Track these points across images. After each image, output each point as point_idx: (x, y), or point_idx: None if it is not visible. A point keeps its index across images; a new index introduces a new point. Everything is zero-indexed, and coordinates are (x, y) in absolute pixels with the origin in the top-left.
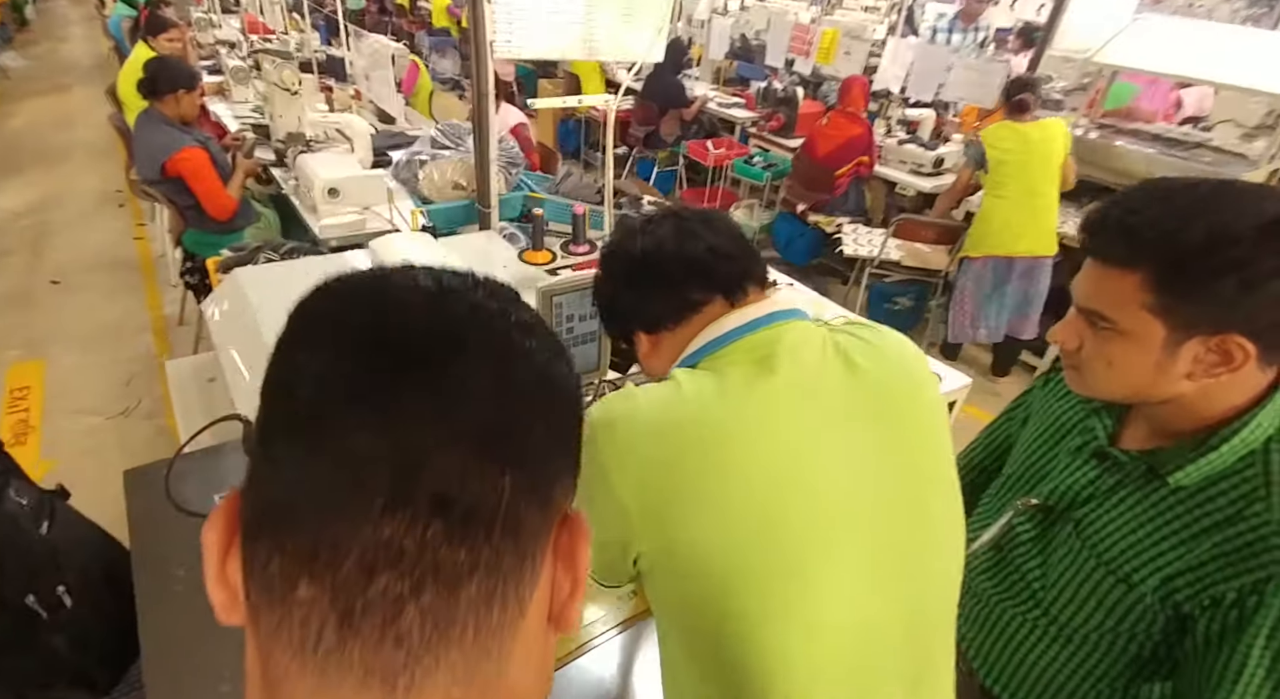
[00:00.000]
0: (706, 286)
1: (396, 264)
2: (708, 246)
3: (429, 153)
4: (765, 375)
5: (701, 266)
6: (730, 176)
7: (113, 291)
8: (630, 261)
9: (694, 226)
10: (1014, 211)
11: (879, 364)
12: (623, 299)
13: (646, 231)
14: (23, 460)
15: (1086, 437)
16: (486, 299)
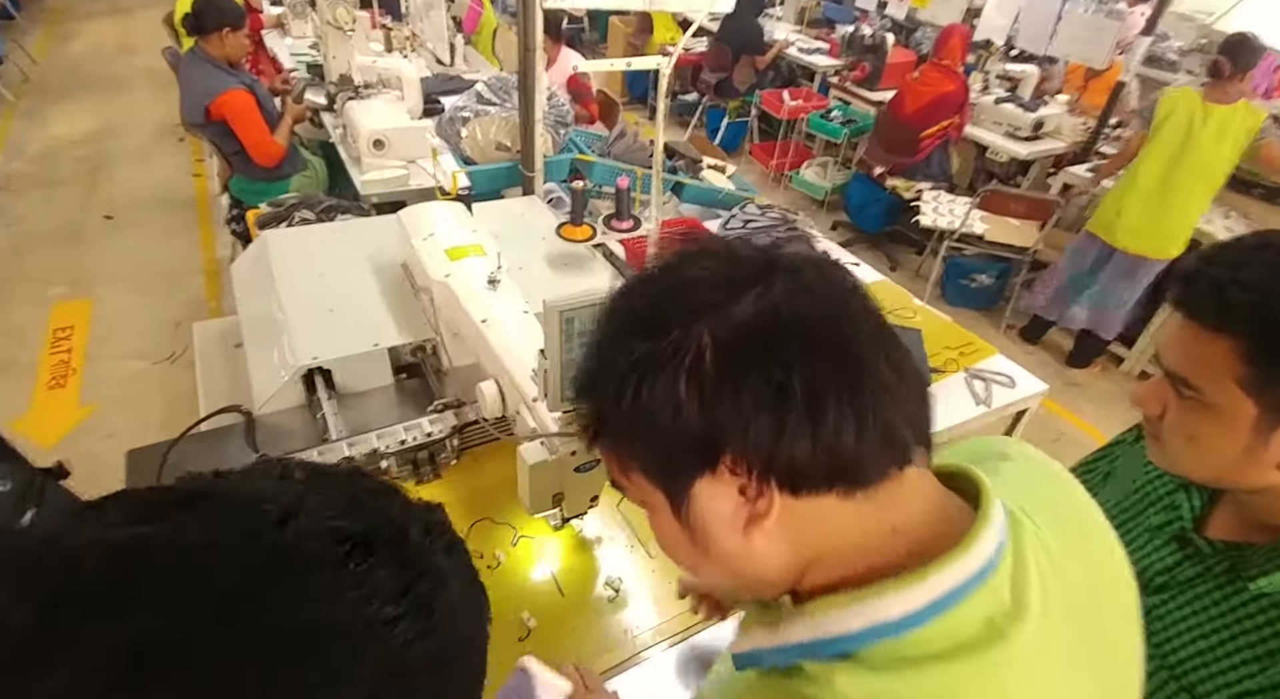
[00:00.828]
0: (920, 418)
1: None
2: (898, 343)
3: (474, 109)
4: (984, 661)
5: (913, 377)
6: (804, 131)
7: (167, 231)
8: (793, 340)
9: (854, 294)
10: (1139, 202)
11: (1069, 547)
12: (752, 425)
13: (814, 271)
14: (61, 404)
15: (1170, 515)
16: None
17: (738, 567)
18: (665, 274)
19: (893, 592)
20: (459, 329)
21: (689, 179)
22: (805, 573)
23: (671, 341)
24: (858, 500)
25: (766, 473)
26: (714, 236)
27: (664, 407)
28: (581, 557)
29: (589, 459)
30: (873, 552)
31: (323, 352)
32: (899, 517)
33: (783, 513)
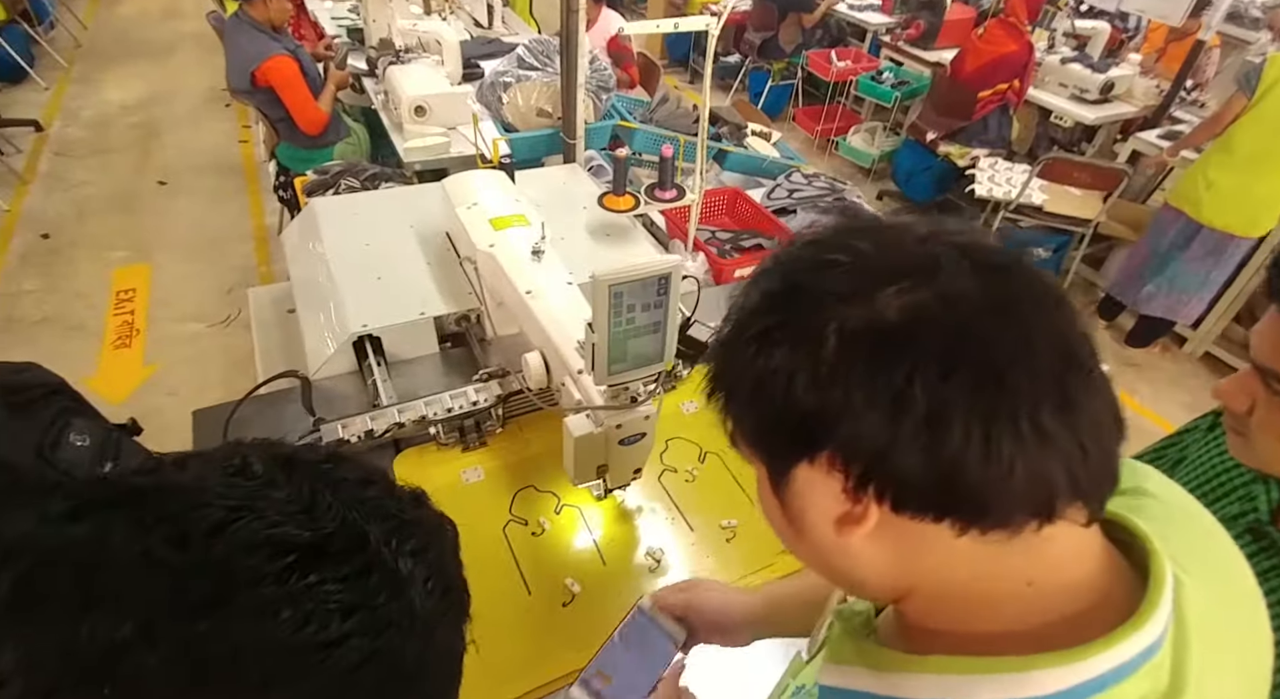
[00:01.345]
0: (1084, 467)
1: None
2: (1089, 370)
3: (514, 73)
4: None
5: (1091, 417)
6: (853, 95)
7: (217, 197)
8: (933, 344)
9: (1051, 308)
10: (1234, 173)
11: (1214, 597)
12: (863, 418)
13: (978, 277)
14: (126, 363)
15: (1245, 506)
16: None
17: (831, 561)
18: (817, 248)
19: (1044, 668)
20: (503, 299)
21: (733, 146)
22: (909, 597)
23: (801, 319)
24: (980, 542)
25: (867, 478)
26: (875, 217)
27: (777, 380)
28: (623, 527)
29: (634, 432)
30: (1001, 605)
31: (372, 319)
32: (1040, 572)
33: (884, 526)
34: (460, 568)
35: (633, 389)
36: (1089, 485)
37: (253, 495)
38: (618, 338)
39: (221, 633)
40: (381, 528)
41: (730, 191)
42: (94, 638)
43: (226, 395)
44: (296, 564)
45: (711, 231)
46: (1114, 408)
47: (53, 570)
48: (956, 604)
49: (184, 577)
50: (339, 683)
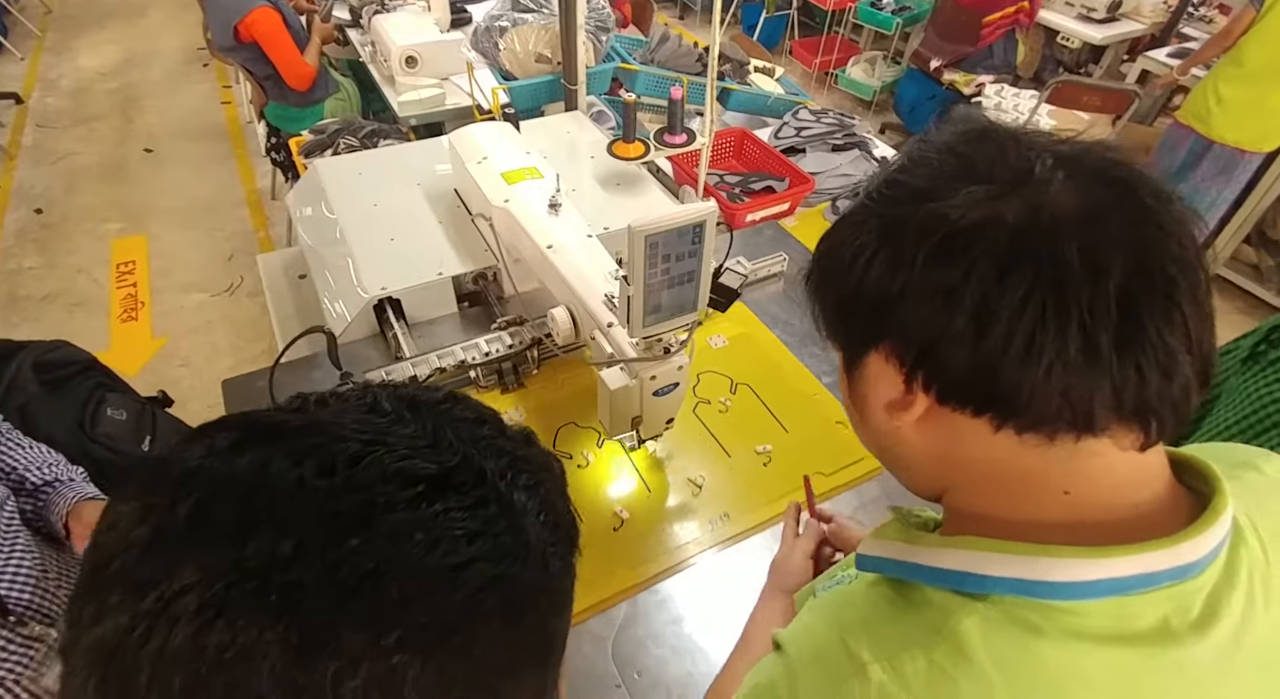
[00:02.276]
0: (1138, 389)
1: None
2: (1179, 305)
3: (510, 17)
4: (1151, 661)
5: (1157, 345)
6: (852, 23)
7: (205, 162)
8: (998, 247)
9: (1162, 239)
10: (1244, 87)
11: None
12: (920, 306)
13: (1061, 189)
14: (136, 336)
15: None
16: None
17: (884, 445)
18: (926, 149)
19: (1055, 557)
20: (521, 255)
21: (736, 85)
22: (951, 492)
23: (889, 211)
24: (1019, 442)
25: (918, 367)
26: (992, 125)
27: (858, 263)
28: (658, 470)
29: (668, 383)
30: (1032, 506)
31: (390, 282)
32: (1079, 485)
33: (932, 416)
34: (569, 503)
35: (666, 340)
36: (1141, 410)
37: (384, 431)
38: (653, 289)
39: (365, 551)
40: (497, 463)
41: (737, 132)
42: (259, 554)
43: (238, 364)
44: (425, 493)
45: (720, 175)
46: (1199, 344)
47: (222, 496)
48: (993, 499)
49: (332, 500)
50: (464, 604)
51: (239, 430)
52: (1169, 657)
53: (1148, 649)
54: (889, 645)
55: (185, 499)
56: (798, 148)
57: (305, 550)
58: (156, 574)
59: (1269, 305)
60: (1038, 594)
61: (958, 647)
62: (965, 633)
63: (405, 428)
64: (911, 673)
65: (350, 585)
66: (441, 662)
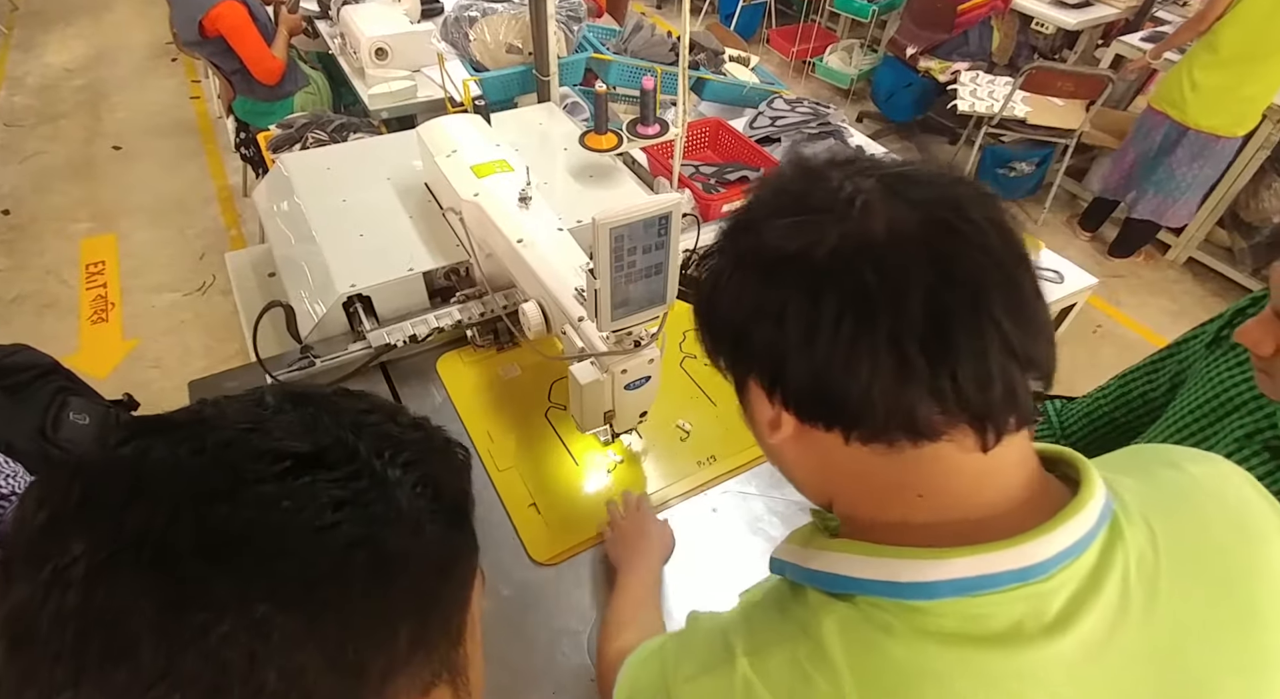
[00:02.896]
0: (956, 396)
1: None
2: (989, 311)
3: (480, 6)
4: (1001, 662)
5: (968, 353)
6: (828, 11)
7: (175, 159)
8: (810, 272)
9: (961, 248)
10: (1217, 73)
11: (1194, 602)
12: (761, 330)
13: (862, 215)
14: (106, 338)
15: (1261, 424)
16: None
17: (775, 460)
18: (760, 184)
19: (906, 558)
20: (492, 249)
21: (711, 74)
22: (834, 500)
23: (732, 250)
24: (868, 452)
25: (774, 387)
26: (824, 163)
27: (713, 296)
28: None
29: (639, 376)
30: (899, 509)
31: (360, 279)
32: (930, 488)
33: (800, 433)
34: (460, 480)
35: (636, 333)
36: (970, 414)
37: (263, 419)
38: (620, 282)
39: (232, 517)
40: (375, 444)
41: (712, 122)
42: (136, 524)
43: (211, 364)
44: (293, 469)
45: (695, 166)
46: (1022, 346)
47: (107, 479)
48: (866, 505)
49: (201, 475)
50: (334, 561)
51: (130, 428)
52: (1021, 659)
53: (998, 650)
54: (761, 641)
55: (75, 485)
56: (773, 137)
57: (177, 518)
58: (50, 549)
59: (1242, 287)
60: (893, 594)
61: (818, 644)
62: (825, 632)
63: (285, 417)
64: (774, 667)
65: (218, 546)
66: (311, 612)
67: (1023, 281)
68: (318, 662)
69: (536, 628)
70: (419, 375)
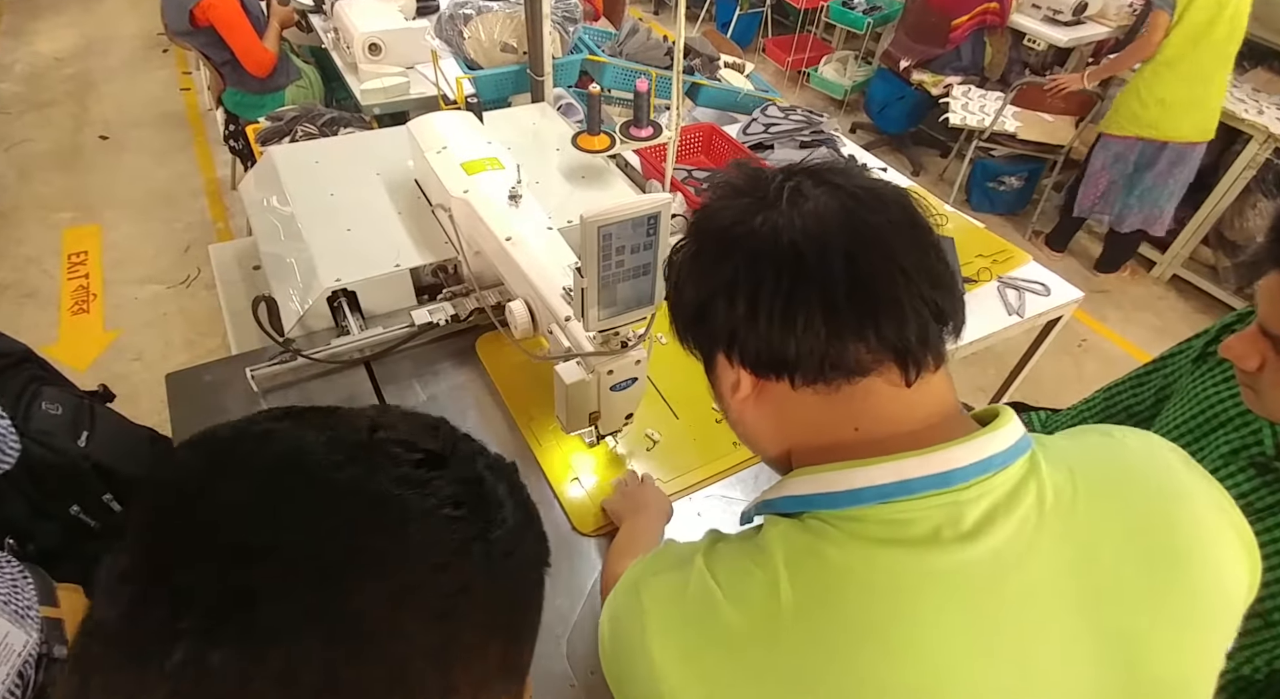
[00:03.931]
0: (878, 337)
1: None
2: (900, 267)
3: (475, 4)
4: (917, 562)
5: (885, 300)
6: (824, 22)
7: (163, 150)
8: (752, 248)
9: (875, 219)
10: (1181, 86)
11: (1112, 532)
12: (717, 305)
13: (791, 200)
14: (87, 329)
15: (1247, 440)
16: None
17: (740, 428)
18: (725, 187)
19: (836, 470)
20: (481, 247)
21: (706, 80)
22: (792, 454)
23: (694, 236)
24: (813, 393)
25: (731, 350)
26: (744, 166)
27: (679, 278)
28: (618, 467)
29: (625, 378)
30: (838, 446)
31: (345, 274)
32: (864, 420)
33: (758, 392)
34: (538, 523)
35: (623, 334)
36: (893, 352)
37: (395, 420)
38: (607, 282)
39: (373, 484)
40: (482, 460)
41: (706, 127)
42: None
43: (194, 358)
44: (424, 461)
45: (688, 170)
46: (933, 294)
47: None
48: (813, 452)
49: (350, 454)
50: (456, 550)
51: (281, 412)
52: (936, 561)
53: (916, 552)
54: (718, 551)
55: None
56: (766, 144)
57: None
58: None
59: (1225, 304)
60: (828, 505)
61: (762, 548)
62: (770, 539)
63: (409, 422)
64: (723, 565)
65: (362, 519)
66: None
67: (927, 247)
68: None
69: None
70: (406, 374)
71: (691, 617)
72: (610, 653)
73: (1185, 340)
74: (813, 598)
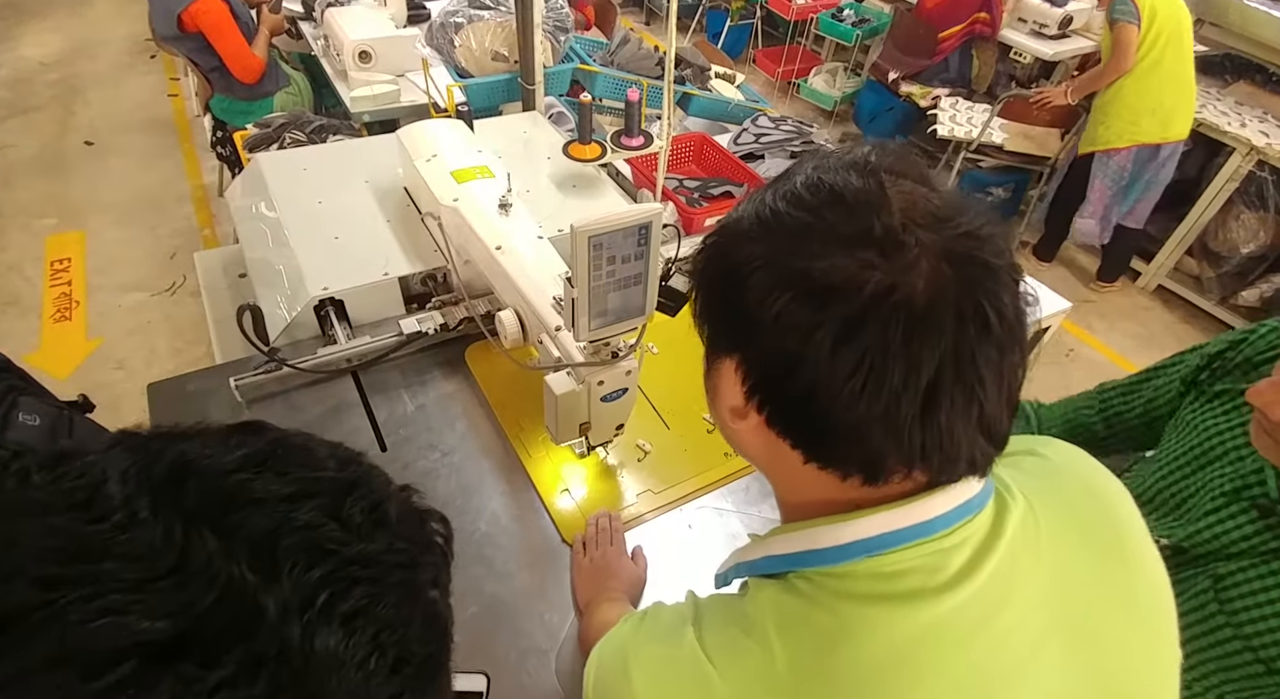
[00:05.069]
0: (923, 462)
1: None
2: (979, 375)
3: (466, 13)
4: (910, 617)
5: (949, 420)
6: (813, 34)
7: (149, 156)
8: (843, 305)
9: (982, 310)
10: (1168, 87)
11: (1070, 547)
12: (778, 338)
13: (907, 254)
14: (69, 337)
15: (1248, 479)
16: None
17: (729, 436)
18: (819, 197)
19: (824, 525)
20: (470, 256)
21: (697, 90)
22: (776, 486)
23: (777, 250)
24: (819, 470)
25: (755, 390)
26: (858, 165)
27: (737, 278)
28: (609, 478)
29: (616, 388)
30: (827, 505)
31: (333, 282)
32: (865, 498)
33: (761, 429)
34: (434, 605)
35: (614, 344)
36: (922, 467)
37: (91, 551)
38: (598, 292)
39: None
40: (299, 584)
41: (697, 137)
42: None
43: (178, 367)
44: (132, 679)
45: (679, 180)
46: (991, 422)
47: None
48: (804, 506)
49: None
50: None
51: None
52: (927, 614)
53: (905, 607)
54: (707, 621)
55: None
56: (757, 154)
57: None
58: None
59: (1209, 314)
60: (814, 563)
61: (751, 619)
62: (757, 608)
63: (134, 541)
64: (714, 638)
65: None
66: None
67: (1015, 361)
68: None
69: (505, 648)
70: (394, 383)
71: (685, 695)
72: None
73: (1177, 354)
74: (809, 666)
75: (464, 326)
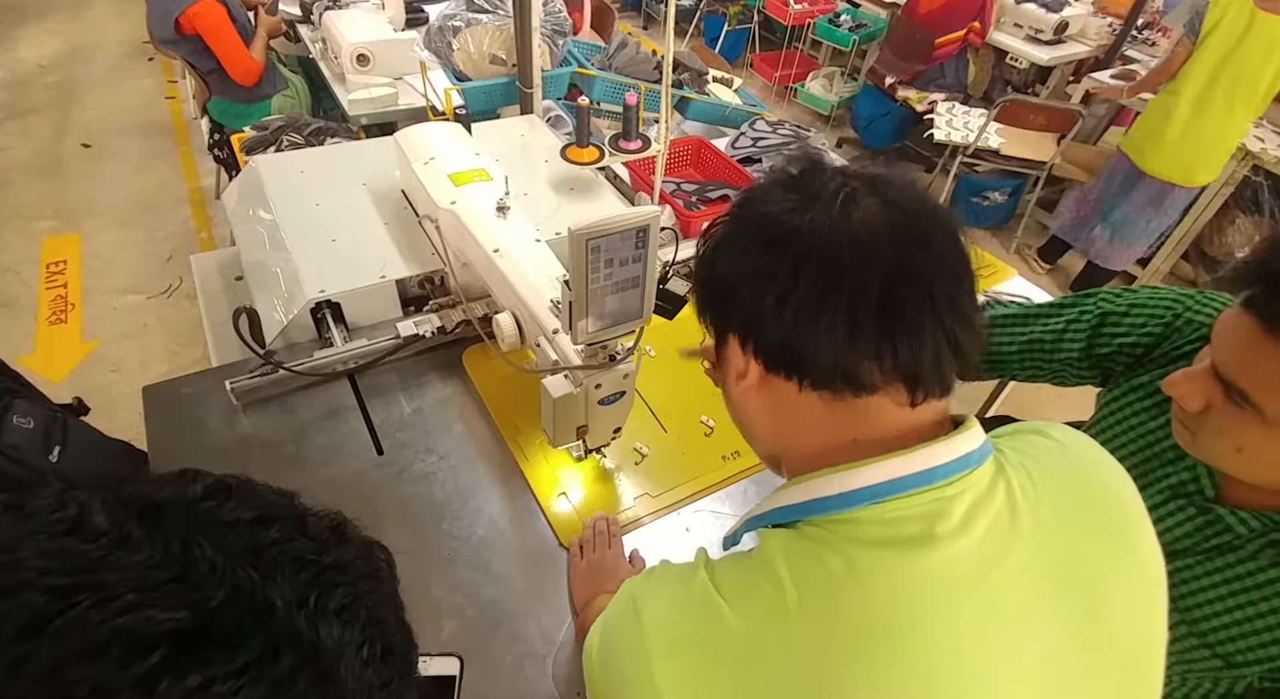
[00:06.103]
0: (894, 360)
1: None
2: (930, 294)
3: (464, 17)
4: (914, 562)
5: (909, 326)
6: (811, 39)
7: (147, 159)
8: (796, 244)
9: (920, 244)
10: (1175, 121)
11: (1072, 523)
12: (747, 289)
13: (845, 205)
14: (64, 340)
15: (1183, 475)
16: None
17: (738, 414)
18: (770, 173)
19: (828, 475)
20: (468, 259)
21: (694, 94)
22: (784, 455)
23: (742, 217)
24: (816, 397)
25: (747, 339)
26: (822, 161)
27: (716, 253)
28: (607, 481)
29: (614, 391)
30: (831, 452)
31: (329, 284)
32: (862, 431)
33: (764, 384)
34: (401, 611)
35: (611, 347)
36: (904, 374)
37: (94, 564)
38: (596, 294)
39: None
40: (293, 584)
41: (694, 141)
42: None
43: (174, 370)
44: (167, 663)
45: (676, 183)
46: (952, 328)
47: None
48: (810, 449)
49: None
50: None
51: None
52: (930, 559)
53: (910, 552)
54: (719, 564)
55: None
56: (754, 158)
57: None
58: None
59: None
60: (823, 510)
61: (764, 562)
62: (770, 551)
63: (134, 554)
64: (727, 578)
65: None
66: None
67: (962, 279)
68: None
69: (502, 651)
70: (390, 386)
71: (696, 632)
72: (601, 673)
73: (1053, 306)
74: (819, 604)
75: (461, 329)
